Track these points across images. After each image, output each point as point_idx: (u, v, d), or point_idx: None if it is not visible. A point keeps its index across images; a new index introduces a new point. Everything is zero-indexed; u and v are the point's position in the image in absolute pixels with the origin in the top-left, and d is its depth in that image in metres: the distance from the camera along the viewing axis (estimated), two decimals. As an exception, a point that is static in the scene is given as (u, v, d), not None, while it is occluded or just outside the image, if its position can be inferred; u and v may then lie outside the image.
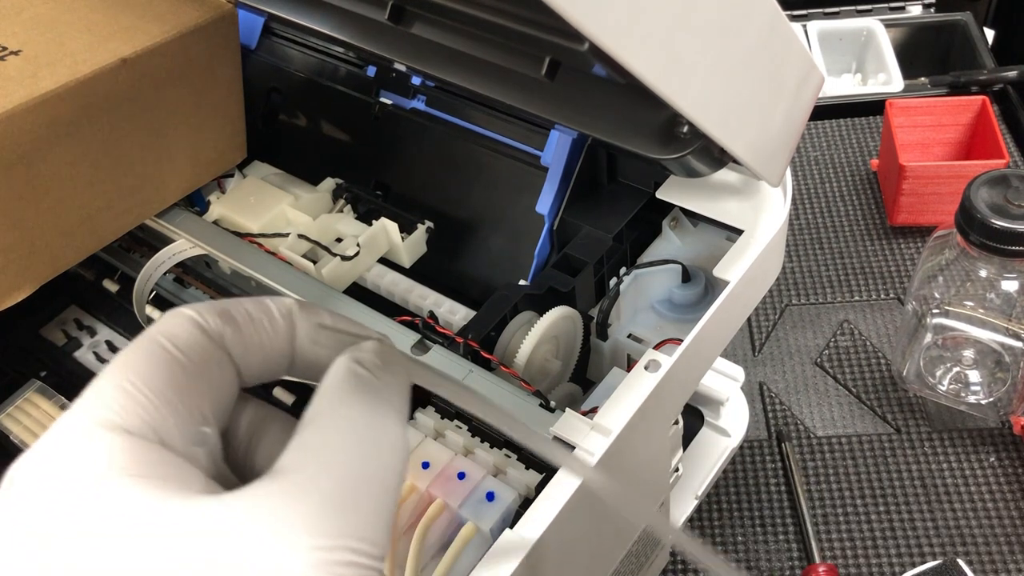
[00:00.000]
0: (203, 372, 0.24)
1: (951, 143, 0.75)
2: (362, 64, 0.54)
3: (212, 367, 0.25)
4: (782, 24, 0.33)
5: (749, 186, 0.44)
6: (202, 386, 0.24)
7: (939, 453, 0.59)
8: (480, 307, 0.42)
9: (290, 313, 0.26)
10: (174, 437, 0.23)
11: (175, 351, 0.24)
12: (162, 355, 0.24)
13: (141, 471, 0.21)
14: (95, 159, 0.44)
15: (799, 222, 0.76)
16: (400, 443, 0.24)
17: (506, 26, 0.33)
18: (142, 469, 0.21)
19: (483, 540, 0.35)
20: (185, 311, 0.25)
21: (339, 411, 0.24)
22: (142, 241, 0.52)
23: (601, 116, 0.37)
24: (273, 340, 0.26)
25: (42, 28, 0.44)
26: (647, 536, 0.44)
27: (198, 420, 0.24)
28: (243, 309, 0.26)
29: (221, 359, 0.25)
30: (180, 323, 0.25)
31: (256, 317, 0.26)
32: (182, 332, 0.24)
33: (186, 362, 0.24)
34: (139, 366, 0.23)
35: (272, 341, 0.26)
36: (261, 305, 0.26)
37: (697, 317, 0.39)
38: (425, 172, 0.52)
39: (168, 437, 0.23)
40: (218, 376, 0.25)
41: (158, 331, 0.24)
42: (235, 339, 0.25)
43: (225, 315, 0.25)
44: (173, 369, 0.24)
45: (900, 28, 0.89)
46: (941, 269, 0.58)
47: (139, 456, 0.22)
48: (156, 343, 0.24)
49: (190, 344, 0.24)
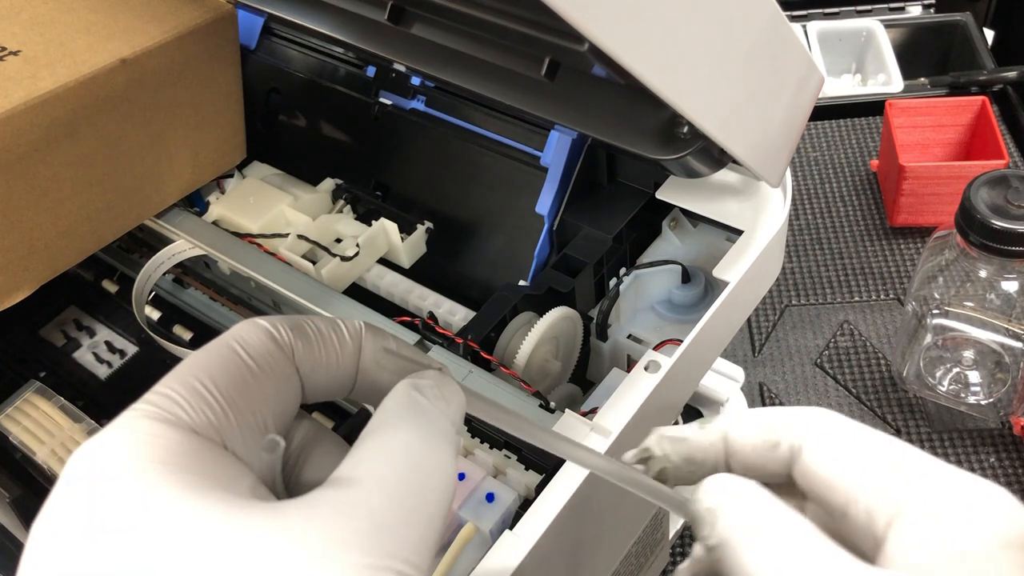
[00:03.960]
0: (271, 382, 0.25)
1: (951, 143, 0.75)
2: (362, 64, 0.54)
3: (280, 378, 0.25)
4: (782, 24, 0.33)
5: (749, 186, 0.44)
6: (269, 395, 0.24)
7: (939, 454, 0.59)
8: (480, 308, 0.42)
9: (359, 335, 0.27)
10: (236, 442, 0.23)
11: (247, 358, 0.24)
12: (234, 360, 0.24)
13: (200, 470, 0.21)
14: (94, 159, 0.44)
15: (799, 222, 0.76)
16: (450, 471, 0.24)
17: (506, 26, 0.33)
18: (201, 468, 0.21)
19: (483, 541, 0.35)
20: (260, 321, 0.25)
21: (396, 433, 0.24)
22: (141, 241, 0.52)
23: (601, 116, 0.37)
24: (340, 359, 0.26)
25: (41, 28, 0.44)
26: (647, 537, 0.44)
27: (261, 428, 0.24)
28: (315, 326, 0.26)
29: (289, 372, 0.25)
30: (255, 331, 0.25)
31: (327, 335, 0.26)
32: (256, 340, 0.25)
33: (256, 370, 0.24)
34: (210, 367, 0.24)
35: (339, 360, 0.26)
36: (332, 324, 0.27)
37: (697, 318, 0.39)
38: (425, 173, 0.52)
39: (231, 441, 0.23)
40: (284, 388, 0.25)
41: (232, 336, 0.25)
42: (305, 354, 0.26)
43: (298, 329, 0.26)
44: (243, 375, 0.24)
45: (900, 28, 0.89)
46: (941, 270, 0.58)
47: (200, 455, 0.22)
48: (230, 348, 0.24)
49: (262, 353, 0.25)
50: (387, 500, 0.22)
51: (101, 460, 0.21)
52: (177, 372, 0.24)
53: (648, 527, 0.44)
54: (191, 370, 0.24)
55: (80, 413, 0.46)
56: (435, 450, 0.24)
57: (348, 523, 0.21)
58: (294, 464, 0.26)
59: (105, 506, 0.20)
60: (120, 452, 0.21)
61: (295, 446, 0.27)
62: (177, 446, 0.22)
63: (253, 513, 0.21)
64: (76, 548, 0.20)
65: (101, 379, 0.50)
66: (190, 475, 0.21)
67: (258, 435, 0.24)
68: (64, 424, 0.46)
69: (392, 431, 0.24)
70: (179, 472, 0.21)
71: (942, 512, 0.23)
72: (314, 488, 0.22)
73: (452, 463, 0.24)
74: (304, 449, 0.27)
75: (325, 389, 0.27)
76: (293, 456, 0.26)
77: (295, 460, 0.26)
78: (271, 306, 0.48)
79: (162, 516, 0.20)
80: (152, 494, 0.20)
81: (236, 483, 0.22)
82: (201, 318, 0.51)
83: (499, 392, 0.38)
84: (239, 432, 0.23)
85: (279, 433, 0.25)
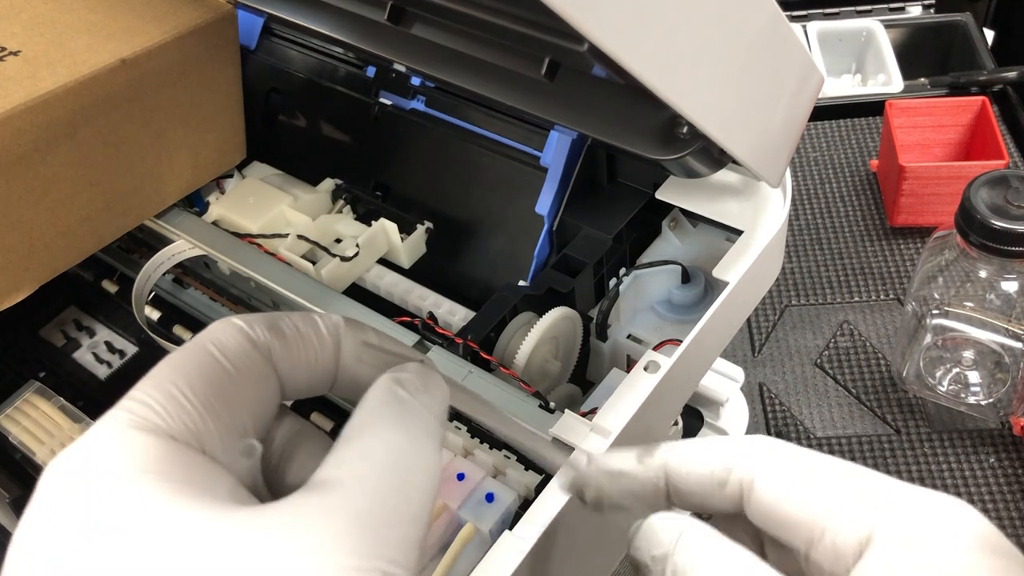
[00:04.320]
0: (248, 383, 0.24)
1: (951, 144, 0.75)
2: (362, 65, 0.54)
3: (257, 378, 0.25)
4: (782, 24, 0.33)
5: (749, 187, 0.44)
6: (246, 396, 0.24)
7: (939, 454, 0.59)
8: (480, 308, 0.42)
9: (337, 330, 0.26)
10: (215, 445, 0.23)
11: (223, 359, 0.24)
12: (210, 362, 0.24)
13: (179, 476, 0.21)
14: (94, 160, 0.44)
15: (799, 222, 0.76)
16: (435, 466, 0.24)
17: (505, 27, 0.33)
18: (181, 474, 0.21)
19: (482, 541, 0.35)
20: (235, 320, 0.25)
21: (378, 431, 0.24)
22: (141, 242, 0.52)
23: (601, 117, 0.37)
24: (319, 356, 0.26)
25: (41, 29, 0.44)
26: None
27: (239, 430, 0.24)
28: (292, 323, 0.26)
29: (267, 371, 0.25)
30: (230, 332, 0.25)
31: (304, 332, 0.26)
32: (231, 341, 0.24)
33: (233, 371, 0.24)
34: (186, 371, 0.23)
35: (318, 357, 0.26)
36: (309, 320, 0.26)
37: (697, 318, 0.39)
38: (424, 173, 0.52)
39: (209, 445, 0.23)
40: (262, 388, 0.25)
41: (207, 338, 0.24)
42: (282, 353, 0.25)
43: (274, 328, 0.25)
44: (220, 377, 0.24)
45: (900, 28, 0.89)
46: (941, 270, 0.58)
47: (179, 461, 0.22)
48: (205, 350, 0.24)
49: (238, 354, 0.24)
50: (370, 500, 0.21)
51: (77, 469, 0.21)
52: (153, 376, 0.23)
53: (648, 527, 0.44)
54: (167, 374, 0.23)
55: (80, 413, 0.46)
56: (418, 446, 0.24)
57: (332, 525, 0.21)
58: (277, 462, 0.26)
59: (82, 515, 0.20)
60: (97, 460, 0.21)
61: (277, 444, 0.26)
62: (154, 452, 0.21)
63: (234, 518, 0.20)
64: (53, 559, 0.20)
65: (101, 379, 0.50)
66: (168, 482, 0.21)
67: (237, 437, 0.24)
68: (64, 424, 0.46)
69: (373, 428, 0.24)
70: (157, 479, 0.21)
71: (912, 535, 0.22)
72: (298, 487, 0.22)
73: (436, 457, 0.24)
74: (287, 447, 0.26)
75: (305, 386, 0.26)
76: (276, 455, 0.26)
77: (278, 459, 0.26)
78: (271, 306, 0.48)
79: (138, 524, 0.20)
80: (129, 501, 0.20)
81: (215, 488, 0.22)
82: (201, 318, 0.51)
83: (499, 392, 0.38)
84: (217, 436, 0.23)
85: (259, 433, 0.25)
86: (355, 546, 0.20)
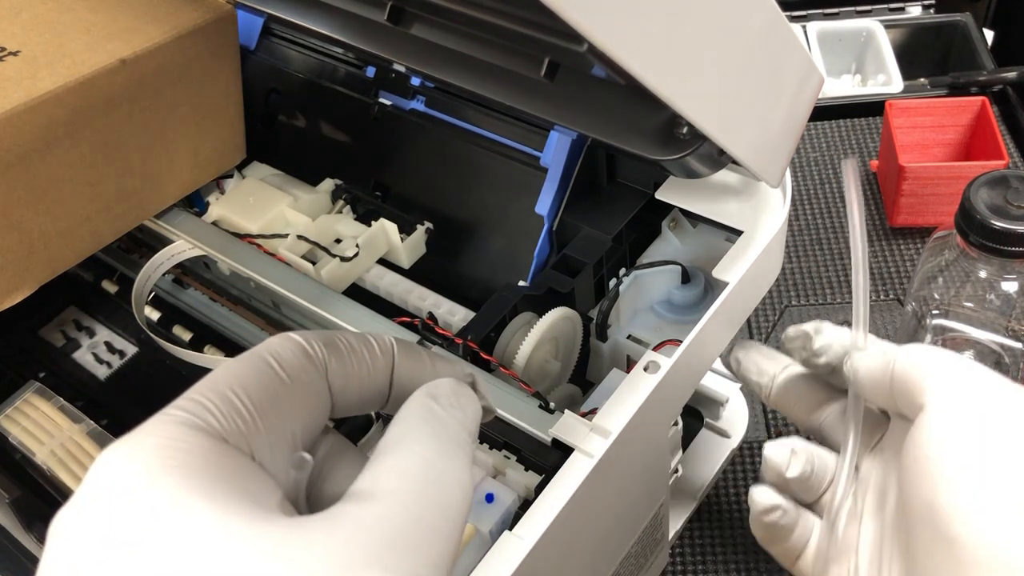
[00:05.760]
0: (302, 395, 0.25)
1: (951, 144, 0.75)
2: (361, 65, 0.54)
3: (311, 393, 0.25)
4: (782, 24, 0.33)
5: (749, 187, 0.44)
6: (299, 409, 0.25)
7: (939, 454, 0.59)
8: (479, 308, 0.42)
9: (391, 350, 0.27)
10: (264, 452, 0.23)
11: (280, 370, 0.24)
12: (267, 371, 0.24)
13: (227, 479, 0.21)
14: (94, 160, 0.44)
15: (799, 222, 0.76)
16: (466, 481, 0.24)
17: (505, 27, 0.33)
18: (228, 477, 0.21)
19: (482, 542, 0.35)
20: (294, 336, 0.26)
21: (414, 446, 0.24)
22: (141, 242, 0.52)
23: (600, 117, 0.37)
24: (372, 375, 0.27)
25: (41, 29, 0.44)
26: (647, 537, 0.44)
27: (289, 441, 0.24)
28: (347, 341, 0.26)
29: (321, 386, 0.25)
30: (289, 346, 0.25)
31: (358, 351, 0.26)
32: (289, 354, 0.25)
33: (288, 383, 0.24)
34: (243, 378, 0.24)
35: (371, 376, 0.27)
36: (364, 340, 0.27)
37: (696, 318, 0.39)
38: (424, 173, 0.52)
39: (259, 451, 0.23)
40: (315, 402, 0.25)
41: (265, 349, 0.25)
42: (337, 370, 0.26)
43: (331, 345, 0.26)
44: (275, 387, 0.24)
45: (900, 29, 0.89)
46: (941, 270, 0.58)
47: (228, 464, 0.22)
48: (262, 359, 0.25)
49: (295, 367, 0.25)
50: (406, 516, 0.22)
51: (127, 464, 0.21)
52: (209, 380, 0.24)
53: (648, 527, 0.44)
54: (224, 379, 0.24)
55: (80, 414, 0.46)
56: (452, 461, 0.24)
57: (370, 539, 0.21)
58: (316, 476, 0.26)
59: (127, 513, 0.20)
60: (147, 456, 0.21)
61: (319, 459, 0.27)
62: (205, 452, 0.22)
63: (277, 527, 0.21)
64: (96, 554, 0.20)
65: (101, 379, 0.50)
66: (216, 483, 0.21)
67: (286, 447, 0.24)
68: (64, 424, 0.46)
69: (409, 443, 0.24)
70: (205, 480, 0.21)
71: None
72: (335, 501, 0.22)
73: (468, 473, 0.24)
74: (327, 462, 0.27)
75: (356, 404, 0.27)
76: (316, 469, 0.26)
77: (318, 473, 0.26)
78: (271, 306, 0.48)
79: (184, 525, 0.20)
80: (176, 502, 0.20)
81: (264, 496, 0.22)
82: (201, 319, 0.51)
83: (499, 393, 0.38)
84: (267, 443, 0.23)
85: (306, 446, 0.25)
86: (391, 561, 0.21)
